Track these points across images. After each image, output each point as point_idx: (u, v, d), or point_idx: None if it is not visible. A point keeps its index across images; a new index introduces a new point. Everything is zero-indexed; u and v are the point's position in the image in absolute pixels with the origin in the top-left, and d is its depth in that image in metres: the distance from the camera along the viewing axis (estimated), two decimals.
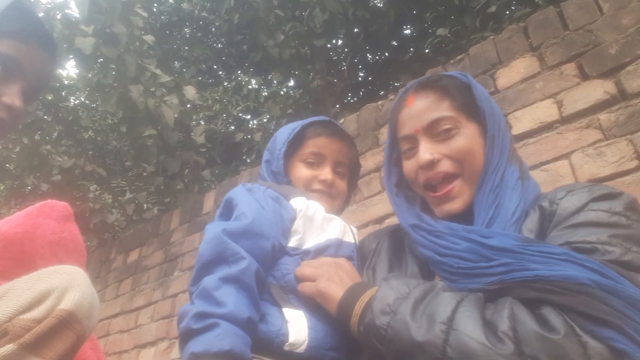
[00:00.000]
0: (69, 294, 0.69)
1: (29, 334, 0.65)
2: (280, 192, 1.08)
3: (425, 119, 0.97)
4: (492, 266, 0.77)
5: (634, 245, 0.74)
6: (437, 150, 0.95)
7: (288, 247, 1.03)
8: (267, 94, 6.57)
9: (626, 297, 0.65)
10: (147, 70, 3.79)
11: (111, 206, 5.27)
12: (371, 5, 5.32)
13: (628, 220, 0.78)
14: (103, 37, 3.48)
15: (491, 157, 0.93)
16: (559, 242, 0.78)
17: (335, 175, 1.21)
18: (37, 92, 1.01)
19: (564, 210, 0.84)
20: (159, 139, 4.15)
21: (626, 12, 1.95)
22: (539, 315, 0.68)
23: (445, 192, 0.94)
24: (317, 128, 1.22)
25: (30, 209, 0.94)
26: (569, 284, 0.68)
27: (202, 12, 6.44)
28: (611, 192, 0.85)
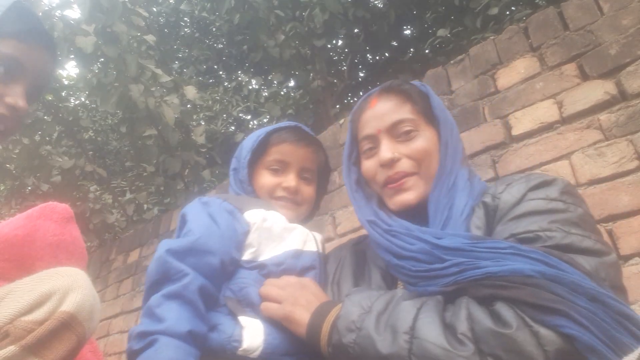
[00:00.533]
0: (71, 296, 0.70)
1: (30, 336, 0.65)
2: (235, 205, 1.08)
3: (388, 120, 1.02)
4: (445, 267, 0.79)
5: (572, 228, 0.78)
6: (398, 150, 1.00)
7: (243, 260, 1.02)
8: (268, 95, 6.57)
9: (569, 284, 0.68)
10: (147, 70, 3.79)
11: (111, 206, 5.27)
12: (371, 5, 5.32)
13: (564, 204, 0.82)
14: (104, 36, 3.48)
15: (444, 161, 0.98)
16: (505, 235, 0.82)
17: (301, 181, 1.20)
18: (39, 91, 1.01)
19: (505, 203, 0.88)
20: (160, 139, 4.15)
21: (626, 13, 1.95)
22: (493, 311, 0.71)
23: (401, 183, 0.98)
24: (281, 134, 1.21)
25: (31, 211, 0.94)
26: (517, 278, 0.71)
27: (202, 13, 6.44)
28: (546, 180, 0.89)
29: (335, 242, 2.62)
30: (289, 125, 1.24)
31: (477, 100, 2.32)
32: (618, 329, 0.65)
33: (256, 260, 1.04)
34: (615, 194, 1.76)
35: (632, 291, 1.63)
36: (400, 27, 5.67)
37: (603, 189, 1.80)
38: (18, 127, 0.95)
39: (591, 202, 1.80)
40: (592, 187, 1.83)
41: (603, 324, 0.65)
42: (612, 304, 0.67)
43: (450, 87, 2.49)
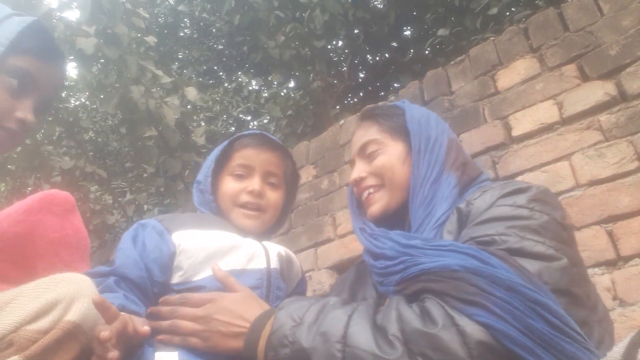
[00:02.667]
0: (76, 305, 0.69)
1: (34, 346, 0.64)
2: (166, 226, 1.06)
3: (358, 144, 1.15)
4: (395, 264, 0.85)
5: (529, 234, 0.80)
6: (365, 169, 1.12)
7: (172, 284, 1.00)
8: (268, 95, 6.57)
9: (488, 276, 0.72)
10: (148, 71, 3.79)
11: (111, 207, 5.27)
12: (371, 6, 5.32)
13: (530, 211, 0.84)
14: (104, 37, 3.48)
15: (417, 170, 1.03)
16: (465, 238, 0.85)
17: (267, 186, 1.19)
18: (47, 107, 1.04)
19: (476, 209, 0.91)
20: (160, 140, 4.15)
21: (626, 14, 1.95)
22: (423, 309, 0.75)
23: (368, 199, 1.10)
24: (244, 140, 1.21)
25: (30, 202, 0.94)
26: (444, 272, 0.75)
27: (202, 13, 6.44)
28: (520, 187, 0.91)
29: (335, 243, 2.62)
30: (253, 132, 1.25)
31: (477, 101, 2.32)
32: (532, 316, 0.69)
33: (188, 282, 1.01)
34: (616, 195, 1.76)
35: (633, 292, 1.63)
36: (400, 28, 5.67)
37: (603, 189, 1.80)
38: (23, 139, 0.97)
39: (591, 203, 1.80)
40: (592, 188, 1.83)
41: (517, 312, 0.68)
42: (526, 292, 0.70)
43: (450, 88, 2.49)
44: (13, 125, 0.90)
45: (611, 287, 1.67)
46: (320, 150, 3.01)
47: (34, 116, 0.95)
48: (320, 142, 3.07)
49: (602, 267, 1.71)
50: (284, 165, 1.24)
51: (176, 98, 4.01)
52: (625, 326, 1.59)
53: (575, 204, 1.84)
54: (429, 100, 2.56)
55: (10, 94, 0.89)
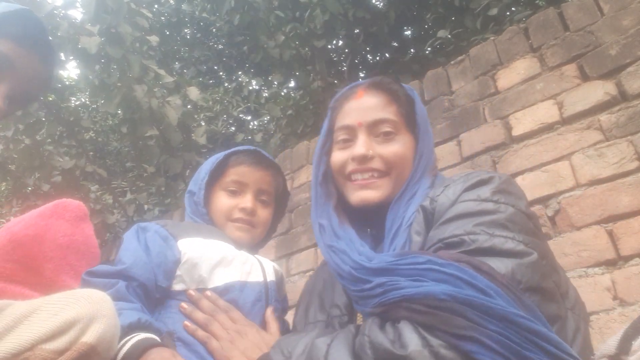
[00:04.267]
0: (94, 326, 0.68)
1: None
2: (171, 232, 1.07)
3: (371, 115, 1.00)
4: (372, 287, 0.78)
5: (497, 229, 0.77)
6: (373, 148, 0.98)
7: (174, 290, 1.02)
8: (268, 95, 6.56)
9: (480, 307, 0.67)
10: (150, 70, 3.79)
11: (112, 207, 5.27)
12: (371, 6, 5.32)
13: (495, 204, 0.81)
14: (108, 37, 3.48)
15: (416, 172, 0.98)
16: (434, 240, 0.82)
17: (258, 203, 1.21)
18: (27, 98, 1.00)
19: (441, 206, 0.86)
20: (161, 140, 4.15)
21: (626, 13, 1.95)
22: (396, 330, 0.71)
23: (368, 182, 0.97)
24: (239, 157, 1.23)
25: (44, 208, 0.93)
26: (430, 301, 0.70)
27: (202, 13, 6.44)
28: (482, 179, 0.87)
29: None
30: (248, 149, 1.26)
31: (477, 101, 2.33)
32: (529, 347, 0.66)
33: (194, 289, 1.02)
34: (616, 195, 1.76)
35: (633, 292, 1.63)
36: (401, 28, 5.67)
37: (603, 189, 1.80)
38: None
39: (591, 202, 1.81)
40: (592, 188, 1.83)
41: (513, 346, 0.65)
42: (521, 322, 0.67)
43: (450, 88, 2.49)
44: None
45: (611, 287, 1.67)
46: None
47: (8, 104, 0.91)
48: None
49: (602, 267, 1.71)
50: (275, 184, 1.27)
51: (178, 98, 4.02)
52: (625, 326, 1.59)
53: (575, 204, 1.84)
54: (429, 100, 2.56)
55: None
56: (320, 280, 1.10)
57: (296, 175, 3.13)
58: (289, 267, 2.84)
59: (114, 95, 3.70)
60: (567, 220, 1.84)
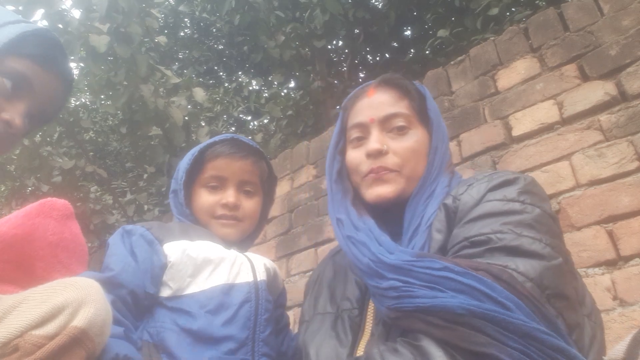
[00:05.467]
0: (83, 310, 0.68)
1: (39, 352, 0.64)
2: (156, 236, 1.03)
3: (383, 110, 0.99)
4: (386, 289, 0.78)
5: (525, 230, 0.77)
6: (387, 143, 0.97)
7: (161, 297, 0.98)
8: (268, 95, 6.56)
9: (500, 322, 0.65)
10: (157, 70, 3.81)
11: (112, 207, 5.27)
12: (371, 6, 5.32)
13: (522, 205, 0.81)
14: (116, 36, 3.49)
15: (431, 166, 0.96)
16: (459, 239, 0.81)
17: (242, 196, 1.16)
18: (44, 118, 1.00)
19: (464, 205, 0.85)
20: (164, 139, 4.16)
21: (626, 14, 1.95)
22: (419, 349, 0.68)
23: (382, 177, 0.95)
24: (215, 149, 1.17)
25: (29, 208, 0.93)
26: (447, 315, 0.68)
27: (202, 14, 6.44)
28: (507, 179, 0.87)
29: (335, 243, 2.62)
30: (224, 138, 1.20)
31: (477, 101, 2.32)
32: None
33: (178, 296, 0.98)
34: (616, 195, 1.76)
35: (633, 292, 1.62)
36: (401, 28, 5.67)
37: (603, 189, 1.80)
38: (10, 145, 0.92)
39: (591, 203, 1.80)
40: (592, 188, 1.83)
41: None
42: (545, 339, 0.64)
43: (450, 88, 2.49)
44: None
45: (611, 287, 1.67)
46: (320, 150, 3.01)
47: (28, 123, 0.92)
48: (321, 142, 3.07)
49: (602, 267, 1.71)
50: (259, 171, 1.20)
51: (184, 98, 4.03)
52: (625, 326, 1.59)
53: (575, 204, 1.84)
54: None
55: (0, 95, 0.87)
56: (329, 271, 1.07)
57: (296, 176, 3.13)
58: (289, 267, 2.84)
59: (120, 94, 3.71)
60: (567, 220, 1.84)
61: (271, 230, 3.06)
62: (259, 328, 1.01)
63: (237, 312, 0.99)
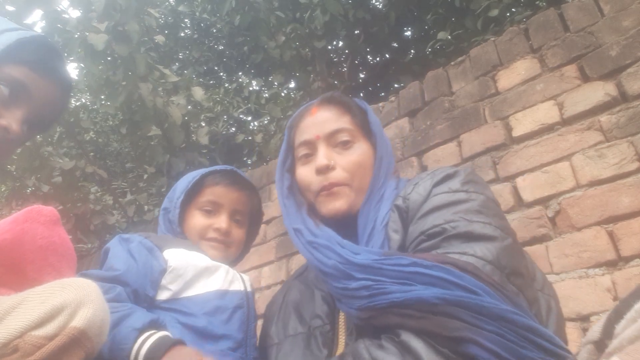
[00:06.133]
0: (82, 311, 0.69)
1: (39, 352, 0.64)
2: (155, 243, 1.09)
3: (327, 127, 1.04)
4: (357, 288, 0.78)
5: (474, 216, 0.81)
6: (334, 158, 1.02)
7: (159, 300, 1.03)
8: (268, 96, 6.56)
9: (474, 307, 0.68)
10: (156, 69, 3.80)
11: (112, 207, 5.26)
12: (372, 7, 5.32)
13: (467, 194, 0.86)
14: (115, 34, 3.49)
15: (378, 176, 1.01)
16: (415, 234, 0.84)
17: (233, 224, 1.23)
18: (43, 125, 1.01)
19: (414, 203, 0.90)
20: (164, 139, 4.16)
21: (627, 14, 1.95)
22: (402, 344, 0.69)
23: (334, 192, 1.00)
24: (215, 177, 1.24)
25: (16, 215, 0.94)
26: (422, 306, 0.70)
27: (202, 14, 6.45)
28: (449, 173, 0.92)
29: None
30: (224, 169, 1.28)
31: (477, 102, 2.32)
32: (525, 345, 0.66)
33: (177, 299, 1.03)
34: (616, 196, 1.76)
35: None
36: (401, 29, 5.67)
37: (604, 190, 1.80)
38: (6, 152, 0.93)
39: (592, 203, 1.80)
40: (592, 189, 1.83)
41: (509, 344, 0.65)
42: (516, 319, 0.67)
43: (450, 89, 2.49)
44: None
45: (612, 287, 1.67)
46: None
47: (26, 129, 0.92)
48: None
49: (602, 268, 1.71)
50: (250, 205, 1.29)
51: (182, 98, 4.03)
52: None
53: (575, 205, 1.84)
54: (429, 100, 2.56)
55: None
56: (295, 292, 1.08)
57: None
58: (289, 267, 2.84)
59: (118, 93, 3.71)
60: (567, 221, 1.84)
61: (271, 230, 3.06)
62: (250, 333, 1.08)
63: (231, 315, 1.05)
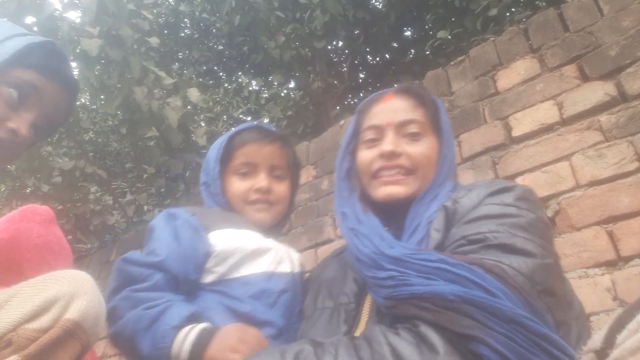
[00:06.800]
0: (76, 303, 0.68)
1: (33, 345, 0.64)
2: (202, 222, 1.04)
3: (400, 116, 1.05)
4: (384, 278, 0.81)
5: (519, 231, 0.81)
6: (402, 146, 1.02)
7: (204, 283, 1.00)
8: (268, 96, 6.56)
9: (487, 308, 0.68)
10: (150, 72, 3.80)
11: (112, 208, 5.26)
12: (371, 7, 5.33)
13: (518, 209, 0.86)
14: (108, 39, 3.49)
15: (440, 174, 1.02)
16: (457, 237, 0.85)
17: (273, 180, 1.17)
18: (51, 128, 1.02)
19: (463, 207, 0.90)
20: (161, 141, 4.16)
21: (626, 14, 1.95)
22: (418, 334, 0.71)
23: (394, 178, 1.01)
24: (242, 136, 1.19)
25: (11, 214, 0.94)
26: (439, 300, 0.72)
27: (202, 14, 6.44)
28: (506, 186, 0.92)
29: (335, 243, 2.62)
30: (249, 126, 1.22)
31: (477, 102, 2.32)
32: (535, 351, 0.66)
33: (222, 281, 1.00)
34: (616, 195, 1.76)
35: (633, 293, 1.62)
36: (401, 29, 5.67)
37: (603, 190, 1.79)
38: (14, 154, 0.93)
39: (591, 203, 1.80)
40: (592, 189, 1.82)
41: (519, 349, 0.65)
42: (530, 325, 0.67)
43: (450, 89, 2.49)
44: (2, 134, 0.88)
45: (611, 287, 1.67)
46: (321, 150, 3.01)
47: (34, 132, 0.93)
48: (321, 142, 3.07)
49: (602, 268, 1.71)
50: (286, 156, 1.22)
51: (179, 99, 4.02)
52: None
53: (575, 205, 1.84)
54: None
55: (7, 104, 0.88)
56: (331, 270, 1.10)
57: None
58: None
59: (114, 96, 3.71)
60: (567, 220, 1.84)
61: None
62: (293, 319, 1.03)
63: (276, 300, 1.01)
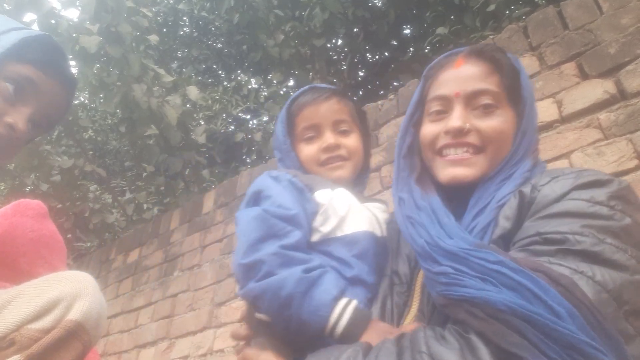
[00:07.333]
0: (78, 304, 0.69)
1: (36, 345, 0.64)
2: (305, 183, 1.04)
3: (471, 85, 0.89)
4: (437, 273, 0.74)
5: (609, 237, 0.67)
6: (471, 121, 0.88)
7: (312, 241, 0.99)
8: (267, 94, 6.56)
9: (542, 327, 0.60)
10: (150, 69, 3.79)
11: (111, 206, 5.27)
12: (371, 5, 5.32)
13: (611, 210, 0.71)
14: (107, 36, 3.48)
15: (516, 151, 0.88)
16: (531, 232, 0.73)
17: (339, 135, 1.14)
18: (49, 123, 1.01)
19: (543, 197, 0.77)
20: (161, 139, 4.16)
21: (626, 12, 1.95)
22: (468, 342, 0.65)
23: (463, 157, 0.88)
24: (299, 102, 1.16)
25: (4, 209, 0.94)
26: (488, 308, 0.64)
27: (201, 12, 6.44)
28: (599, 179, 0.76)
29: None
30: (302, 91, 1.20)
31: None
32: None
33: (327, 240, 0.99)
34: None
35: None
36: (400, 27, 5.67)
37: None
38: (13, 150, 0.93)
39: None
40: None
41: None
42: (593, 354, 0.58)
43: None
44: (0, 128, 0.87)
45: None
46: None
47: (31, 128, 0.92)
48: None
49: None
50: (347, 108, 1.17)
51: (178, 97, 4.02)
52: None
53: None
54: None
55: (3, 98, 0.87)
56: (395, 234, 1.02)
57: None
58: None
59: (113, 94, 3.71)
60: None
61: None
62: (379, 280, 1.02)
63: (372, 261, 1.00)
